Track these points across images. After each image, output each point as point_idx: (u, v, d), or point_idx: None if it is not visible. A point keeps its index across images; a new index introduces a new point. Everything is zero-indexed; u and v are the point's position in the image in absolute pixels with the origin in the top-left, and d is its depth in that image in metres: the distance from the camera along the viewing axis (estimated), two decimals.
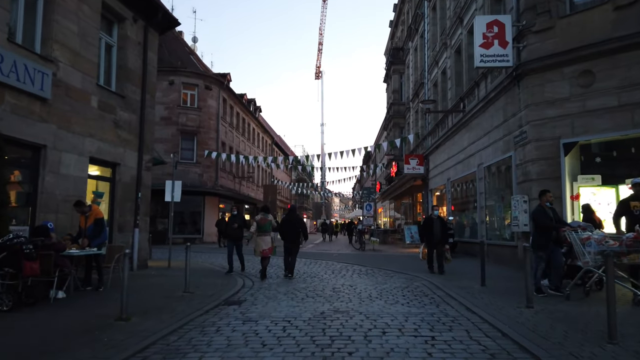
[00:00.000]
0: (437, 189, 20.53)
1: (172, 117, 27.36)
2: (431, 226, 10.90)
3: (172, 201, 12.62)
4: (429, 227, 10.97)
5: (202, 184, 27.74)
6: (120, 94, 10.76)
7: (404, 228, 22.60)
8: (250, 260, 14.53)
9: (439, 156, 19.48)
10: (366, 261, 14.55)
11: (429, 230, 10.94)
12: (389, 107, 30.93)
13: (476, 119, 14.36)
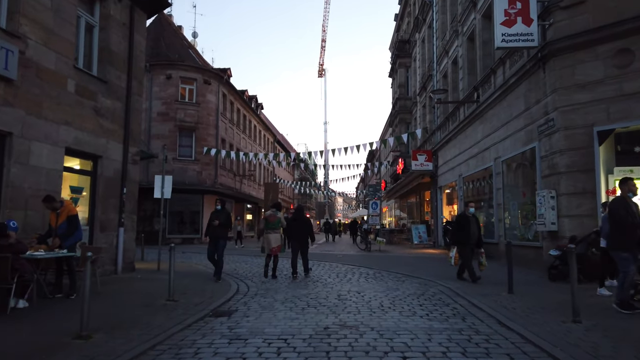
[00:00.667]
0: (447, 186, 19.42)
1: (169, 112, 26.38)
2: (467, 225, 8.97)
3: (162, 198, 11.55)
4: (464, 226, 9.02)
5: (200, 182, 26.75)
6: (102, 78, 9.73)
7: (412, 228, 21.51)
8: (245, 261, 13.76)
9: (450, 151, 18.38)
10: (373, 263, 13.48)
11: (464, 230, 8.98)
12: (395, 102, 29.83)
13: (492, 109, 13.26)
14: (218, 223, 9.08)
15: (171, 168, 26.00)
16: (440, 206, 20.34)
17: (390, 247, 20.81)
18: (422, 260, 14.46)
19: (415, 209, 28.66)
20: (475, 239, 9.07)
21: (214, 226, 9.11)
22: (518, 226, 12.00)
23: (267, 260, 9.88)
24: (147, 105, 26.31)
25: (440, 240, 20.25)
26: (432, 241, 21.24)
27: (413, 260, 14.25)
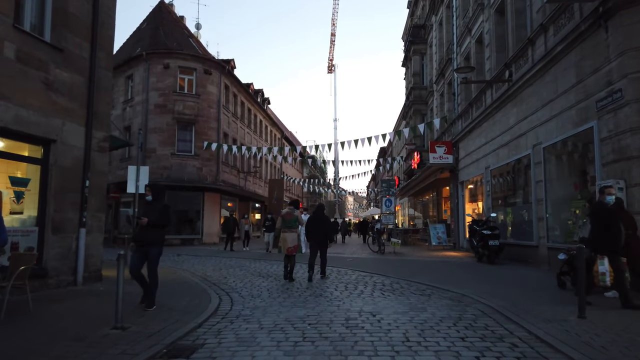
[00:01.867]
0: (470, 181, 17.36)
1: (167, 104, 24.67)
2: (615, 223, 6.23)
3: (136, 192, 9.72)
4: (611, 224, 6.22)
5: (201, 179, 25.00)
6: (56, 46, 7.93)
7: (429, 227, 19.48)
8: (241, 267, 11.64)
9: (473, 141, 16.32)
10: (389, 269, 11.53)
11: (613, 230, 6.21)
12: (409, 93, 27.78)
13: (530, 87, 11.22)
14: (147, 222, 6.05)
15: (169, 164, 24.37)
16: (461, 203, 18.28)
17: (406, 249, 18.82)
18: (446, 265, 12.46)
19: (431, 207, 26.59)
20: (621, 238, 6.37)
21: (141, 227, 6.10)
22: (565, 226, 9.94)
23: (285, 261, 9.32)
24: (143, 97, 24.70)
25: (462, 241, 18.19)
26: (453, 242, 19.19)
27: (435, 266, 12.26)
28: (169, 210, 6.48)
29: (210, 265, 12.93)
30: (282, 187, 24.03)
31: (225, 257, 15.89)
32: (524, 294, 7.32)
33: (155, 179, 24.04)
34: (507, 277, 9.64)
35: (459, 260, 13.70)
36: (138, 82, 25.38)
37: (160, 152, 24.31)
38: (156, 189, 6.76)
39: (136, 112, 25.18)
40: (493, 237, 11.64)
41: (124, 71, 26.60)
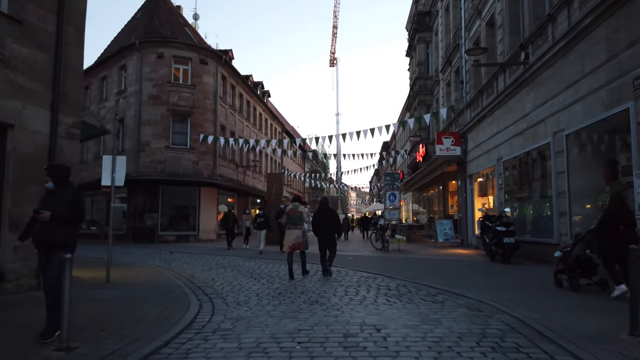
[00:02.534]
0: (480, 174, 16.31)
1: (161, 95, 23.68)
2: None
3: (112, 185, 8.73)
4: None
5: (197, 173, 24.04)
6: (14, 17, 6.93)
7: (436, 223, 18.46)
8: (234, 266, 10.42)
9: (484, 132, 15.26)
10: (393, 269, 10.54)
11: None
12: (413, 83, 26.68)
13: (550, 68, 10.16)
14: (49, 216, 4.47)
15: (164, 157, 23.42)
16: (470, 198, 17.25)
17: (411, 246, 17.81)
18: (456, 265, 11.45)
19: (436, 202, 25.56)
20: None
21: (41, 222, 4.54)
22: (588, 221, 8.89)
23: (288, 259, 8.96)
24: (137, 88, 23.72)
25: (470, 238, 17.17)
26: (460, 239, 18.17)
27: (444, 266, 11.25)
28: (81, 200, 4.90)
29: (200, 265, 11.98)
30: (281, 182, 23.03)
31: (219, 256, 14.93)
32: (552, 301, 6.32)
33: (149, 174, 23.16)
34: (527, 279, 8.64)
35: (470, 259, 12.69)
36: (131, 72, 24.39)
37: (154, 146, 23.34)
38: (56, 171, 4.87)
39: (129, 104, 24.20)
40: (508, 234, 10.61)
41: (116, 61, 25.63)
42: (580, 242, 6.85)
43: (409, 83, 29.79)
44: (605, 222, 6.30)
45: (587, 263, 6.74)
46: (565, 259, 7.02)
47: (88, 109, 28.22)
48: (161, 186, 23.26)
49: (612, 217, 6.18)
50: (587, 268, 6.75)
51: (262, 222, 15.75)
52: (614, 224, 6.12)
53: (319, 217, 9.33)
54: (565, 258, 7.01)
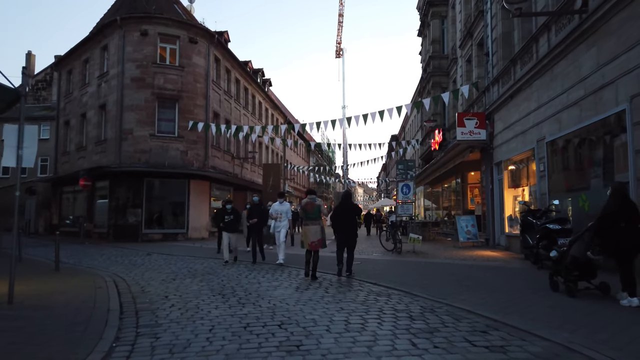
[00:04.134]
0: (511, 161, 13.66)
1: (145, 77, 21.25)
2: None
3: (18, 168, 6.19)
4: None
5: (186, 164, 21.62)
6: None
7: (456, 220, 15.86)
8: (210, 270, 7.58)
9: (517, 109, 12.62)
10: (412, 279, 8.02)
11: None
12: (426, 64, 24.00)
13: (621, 12, 7.57)
14: None
15: (148, 146, 21.01)
16: (497, 190, 14.62)
17: (427, 247, 15.23)
18: (493, 273, 8.87)
19: (453, 196, 22.91)
20: None
21: None
22: None
23: (307, 257, 8.31)
24: (118, 70, 21.31)
25: (498, 237, 14.56)
26: (485, 238, 15.57)
27: (478, 274, 8.66)
28: None
29: (167, 272, 9.54)
30: (279, 173, 20.59)
31: (200, 258, 12.50)
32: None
33: (132, 164, 20.78)
34: (604, 299, 6.05)
35: (506, 265, 10.09)
36: (113, 52, 22.00)
37: (137, 133, 20.95)
38: None
39: (111, 88, 21.83)
40: (563, 234, 7.96)
41: (98, 42, 23.29)
42: (578, 242, 6.13)
43: (421, 65, 27.11)
44: (604, 218, 5.64)
45: (587, 265, 6.06)
46: (562, 260, 6.32)
47: (71, 95, 26.00)
48: (145, 179, 20.88)
49: (611, 212, 5.59)
50: (586, 270, 6.07)
51: (231, 221, 11.15)
52: (614, 220, 5.52)
53: (340, 212, 8.68)
54: (562, 259, 6.33)
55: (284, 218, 10.68)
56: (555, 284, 6.57)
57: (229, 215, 11.17)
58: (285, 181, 41.32)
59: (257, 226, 11.03)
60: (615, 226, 5.51)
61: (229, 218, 11.15)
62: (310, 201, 8.39)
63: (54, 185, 27.06)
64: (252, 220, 10.98)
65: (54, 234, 26.01)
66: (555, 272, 6.61)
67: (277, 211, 10.78)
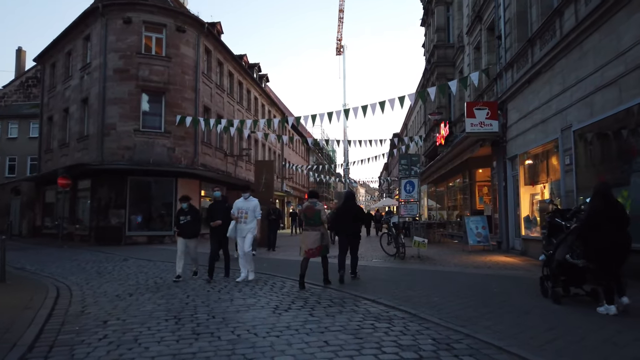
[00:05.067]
0: (528, 155, 12.18)
1: (129, 69, 19.83)
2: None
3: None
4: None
5: (173, 162, 20.19)
6: None
7: (465, 221, 14.37)
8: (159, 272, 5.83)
9: (536, 95, 11.14)
10: (420, 294, 6.55)
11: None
12: (430, 54, 22.51)
13: None
14: None
15: (132, 142, 19.60)
16: (512, 188, 13.15)
17: (433, 250, 13.76)
18: (516, 286, 7.38)
19: (459, 195, 21.42)
20: None
21: None
22: None
23: (302, 263, 7.47)
24: (100, 61, 19.88)
25: (512, 240, 13.08)
26: (497, 241, 14.09)
27: (500, 287, 7.17)
28: None
29: (129, 284, 8.12)
30: (272, 170, 19.11)
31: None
32: None
33: (115, 162, 19.36)
34: None
35: (530, 275, 8.56)
36: (95, 43, 20.59)
37: (121, 129, 19.53)
38: None
39: (93, 80, 20.42)
40: None
41: (81, 32, 21.87)
42: (562, 245, 5.84)
43: (425, 57, 25.61)
44: (586, 221, 5.32)
45: (573, 269, 5.69)
46: (549, 264, 6.08)
47: (54, 89, 24.62)
48: (129, 177, 19.46)
49: (593, 215, 5.26)
50: (574, 275, 5.76)
51: (188, 224, 8.60)
52: (596, 223, 5.19)
53: (342, 213, 8.33)
54: (549, 262, 6.10)
55: (251, 218, 8.19)
56: (546, 290, 6.18)
57: (186, 215, 8.57)
58: (283, 181, 39.94)
59: (220, 230, 8.39)
60: (597, 229, 5.16)
61: (185, 219, 8.55)
62: (311, 205, 7.63)
63: (37, 185, 25.69)
64: (214, 222, 8.35)
65: (38, 236, 24.84)
66: (545, 277, 6.24)
67: (241, 209, 8.19)
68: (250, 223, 8.20)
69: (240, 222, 8.18)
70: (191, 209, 8.72)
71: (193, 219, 8.60)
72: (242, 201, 8.32)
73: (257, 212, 8.31)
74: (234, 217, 8.21)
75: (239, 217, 8.19)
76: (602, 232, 5.09)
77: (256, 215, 8.29)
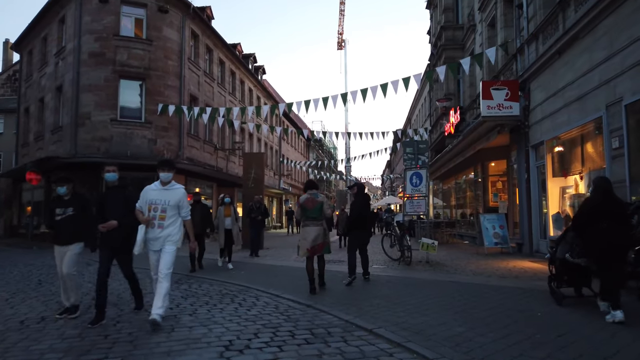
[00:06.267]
0: (558, 140, 10.27)
1: (106, 52, 18.02)
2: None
3: None
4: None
5: (154, 154, 18.35)
6: None
7: (481, 219, 12.47)
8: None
9: (569, 68, 9.24)
10: (435, 319, 4.68)
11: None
12: (437, 38, 20.58)
13: None
14: None
15: (109, 134, 17.78)
16: (537, 180, 11.27)
17: (443, 253, 11.87)
18: (569, 306, 5.50)
19: (468, 192, 19.51)
20: None
21: None
22: None
23: (307, 265, 6.61)
24: (75, 44, 18.07)
25: (536, 243, 11.19)
26: (516, 243, 12.21)
27: (539, 310, 5.28)
28: None
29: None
30: (262, 164, 17.25)
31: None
32: None
33: (90, 155, 17.57)
34: None
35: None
36: (70, 25, 18.79)
37: (96, 118, 17.73)
38: None
39: (67, 66, 18.62)
40: None
41: (56, 13, 20.08)
42: (562, 243, 5.54)
43: (431, 41, 23.69)
44: (579, 216, 5.11)
45: (578, 269, 5.30)
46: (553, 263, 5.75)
47: (31, 78, 22.84)
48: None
49: (589, 210, 4.99)
50: (578, 275, 5.39)
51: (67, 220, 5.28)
52: (595, 220, 4.86)
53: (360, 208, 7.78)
54: (553, 261, 5.76)
55: (172, 219, 4.92)
56: (553, 291, 5.77)
57: (65, 207, 5.28)
58: (280, 178, 38.09)
59: (116, 235, 5.00)
60: (596, 226, 4.88)
61: (63, 214, 5.24)
62: (311, 197, 6.71)
63: (15, 182, 23.95)
64: (104, 224, 4.93)
65: (15, 236, 23.10)
66: (551, 277, 5.87)
67: (154, 202, 4.87)
68: (169, 227, 4.85)
69: (154, 225, 4.80)
70: (75, 197, 5.39)
71: (76, 212, 5.24)
72: (156, 189, 4.92)
73: (183, 209, 4.96)
74: (142, 218, 4.84)
75: (149, 218, 4.81)
76: (599, 228, 4.79)
77: (182, 214, 4.97)
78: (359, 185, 8.41)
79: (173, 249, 4.91)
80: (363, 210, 7.78)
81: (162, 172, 4.93)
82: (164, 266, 4.80)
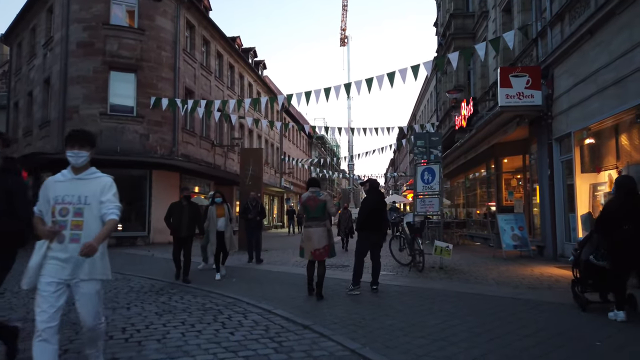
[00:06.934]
0: (588, 131, 9.18)
1: (95, 42, 17.02)
2: None
3: None
4: None
5: (147, 150, 17.38)
6: None
7: (498, 220, 11.39)
8: None
9: (603, 49, 8.16)
10: (470, 353, 3.62)
11: None
12: (446, 27, 19.47)
13: None
14: None
15: (98, 128, 16.74)
16: (561, 177, 10.19)
17: (457, 257, 10.76)
18: (616, 329, 4.45)
19: (479, 189, 18.45)
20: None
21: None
22: None
23: (308, 269, 6.33)
24: (62, 33, 17.09)
25: (561, 246, 10.11)
26: (537, 245, 11.15)
27: (602, 332, 4.24)
28: None
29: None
30: (260, 160, 16.22)
31: (121, 281, 8.16)
32: None
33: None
34: None
35: None
36: (58, 14, 17.80)
37: (84, 112, 16.75)
38: None
39: (55, 57, 17.65)
40: None
41: (44, 2, 19.11)
42: (588, 244, 5.22)
43: (439, 31, 22.59)
44: (602, 218, 4.90)
45: (603, 272, 4.94)
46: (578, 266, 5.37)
47: (20, 71, 21.89)
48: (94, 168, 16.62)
49: (611, 211, 4.79)
50: (604, 279, 5.00)
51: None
52: (616, 221, 4.69)
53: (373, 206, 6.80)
54: (577, 264, 5.39)
55: (92, 224, 2.93)
56: (577, 296, 5.35)
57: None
58: (282, 176, 37.06)
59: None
60: (618, 228, 4.62)
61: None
62: (313, 195, 6.26)
63: None
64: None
65: None
66: (575, 281, 5.44)
67: (61, 199, 2.96)
68: (89, 229, 2.92)
69: (62, 239, 2.88)
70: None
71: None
72: (65, 180, 3.09)
73: (110, 207, 2.96)
74: (41, 228, 2.93)
75: (54, 228, 2.87)
76: (619, 230, 4.62)
77: (107, 211, 2.95)
78: (371, 181, 7.51)
79: (97, 287, 2.92)
80: (377, 206, 6.88)
81: (72, 149, 3.00)
82: (87, 317, 2.89)
